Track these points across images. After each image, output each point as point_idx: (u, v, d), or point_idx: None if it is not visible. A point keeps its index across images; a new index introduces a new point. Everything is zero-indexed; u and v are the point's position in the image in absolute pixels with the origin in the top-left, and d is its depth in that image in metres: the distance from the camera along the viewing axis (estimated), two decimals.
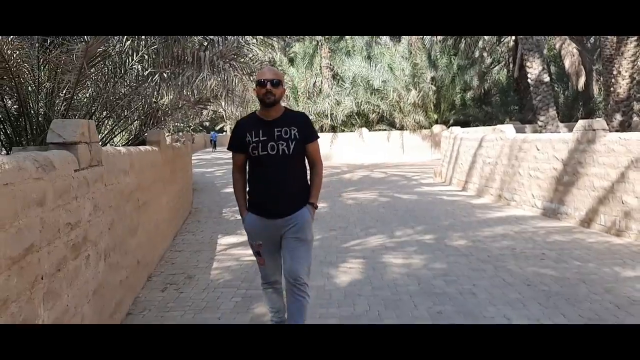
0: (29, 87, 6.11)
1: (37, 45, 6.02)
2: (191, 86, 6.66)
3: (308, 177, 3.20)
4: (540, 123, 13.05)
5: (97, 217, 3.33)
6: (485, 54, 22.72)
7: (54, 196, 2.57)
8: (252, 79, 8.25)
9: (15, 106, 6.33)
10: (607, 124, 12.38)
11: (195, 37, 7.49)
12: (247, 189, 3.17)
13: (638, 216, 5.98)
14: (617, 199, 6.33)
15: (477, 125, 21.23)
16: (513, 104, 24.38)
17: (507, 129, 9.71)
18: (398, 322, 3.74)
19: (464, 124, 22.17)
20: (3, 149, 6.60)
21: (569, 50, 19.22)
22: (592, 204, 6.84)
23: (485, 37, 20.86)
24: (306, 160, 3.19)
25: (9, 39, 5.20)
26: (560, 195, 7.59)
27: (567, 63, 19.47)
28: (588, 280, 4.58)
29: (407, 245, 6.22)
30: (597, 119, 7.19)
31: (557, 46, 20.44)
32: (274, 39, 10.05)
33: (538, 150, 8.31)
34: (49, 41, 6.47)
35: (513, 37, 21.83)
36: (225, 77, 6.30)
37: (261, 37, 8.77)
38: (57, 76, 6.19)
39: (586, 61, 19.85)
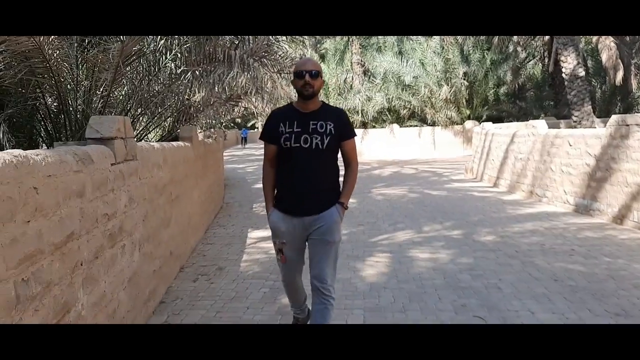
0: (68, 85, 6.37)
1: (75, 45, 6.27)
2: (222, 84, 6.83)
3: (340, 176, 3.06)
4: (575, 118, 12.79)
5: (132, 208, 3.50)
6: (519, 49, 22.30)
7: (92, 188, 2.73)
8: (282, 76, 8.41)
9: (55, 103, 6.61)
10: None
11: (226, 35, 7.65)
12: (276, 183, 3.05)
13: None
14: None
15: (510, 121, 20.86)
16: (548, 99, 23.87)
17: (539, 124, 9.57)
18: (421, 314, 3.80)
19: (497, 119, 21.85)
20: (44, 144, 6.91)
21: (606, 44, 18.70)
22: (625, 200, 6.72)
23: None
24: (339, 159, 3.05)
25: (50, 39, 5.44)
26: (593, 191, 7.47)
27: (604, 57, 18.94)
28: (617, 276, 4.54)
29: (435, 241, 6.24)
30: (632, 114, 7.03)
31: (594, 40, 19.91)
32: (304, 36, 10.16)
33: (570, 145, 8.19)
34: (86, 41, 6.71)
35: None
36: (255, 75, 6.43)
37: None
38: (95, 74, 6.44)
39: (624, 55, 19.26)
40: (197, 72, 6.88)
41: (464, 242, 6.08)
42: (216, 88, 7.36)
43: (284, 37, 8.38)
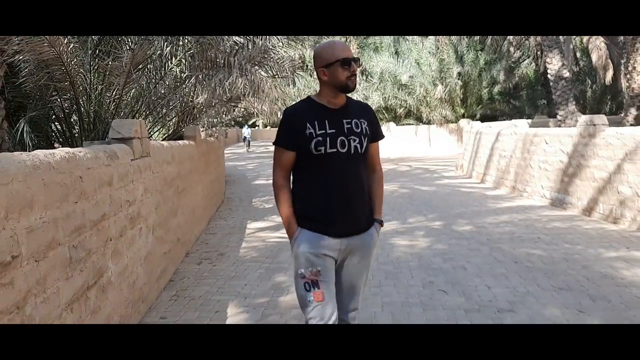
0: (83, 89, 7.00)
1: (90, 52, 6.89)
2: (223, 87, 7.44)
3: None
4: (559, 117, 13.42)
5: (147, 197, 4.13)
6: (512, 49, 22.91)
7: (118, 179, 3.36)
8: (277, 79, 9.02)
9: (70, 106, 7.23)
10: (623, 118, 12.69)
11: (227, 42, 8.28)
12: (298, 197, 2.41)
13: (631, 204, 6.47)
14: (613, 189, 6.82)
15: (504, 119, 21.49)
16: (541, 97, 24.50)
17: (520, 124, 10.21)
18: (394, 289, 4.43)
19: (492, 118, 22.51)
20: (58, 143, 7.55)
21: (595, 45, 19.28)
22: (592, 193, 7.34)
23: None
24: None
25: (70, 48, 6.06)
26: (566, 186, 8.10)
27: (594, 57, 19.52)
28: (570, 259, 5.16)
29: (416, 230, 6.87)
30: (599, 115, 7.65)
31: (585, 40, 20.50)
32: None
33: (547, 143, 8.81)
34: (97, 50, 7.32)
35: None
36: (253, 79, 7.05)
37: (287, 37, 9.53)
38: (106, 79, 7.07)
39: (614, 55, 19.83)
40: (200, 77, 7.50)
41: (442, 232, 6.71)
42: (217, 90, 7.99)
43: (280, 43, 9.00)
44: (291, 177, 2.45)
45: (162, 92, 7.84)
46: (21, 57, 6.03)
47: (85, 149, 2.87)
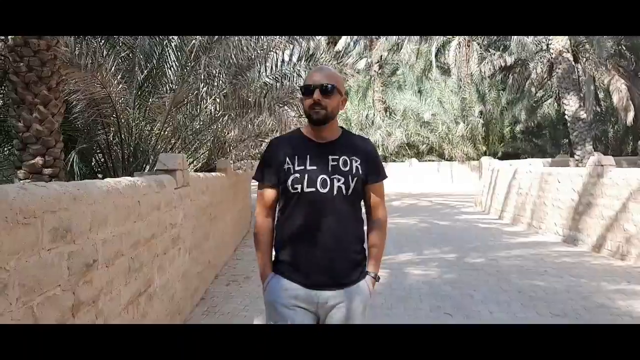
0: (126, 124, 7.72)
1: (134, 92, 7.64)
2: (253, 124, 8.11)
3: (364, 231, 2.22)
4: (576, 157, 13.74)
5: (185, 222, 4.70)
6: (533, 89, 23.37)
7: (164, 204, 3.94)
8: (303, 117, 9.67)
9: (114, 139, 7.94)
10: None
11: (257, 82, 9.00)
12: (275, 239, 2.22)
13: (636, 242, 6.80)
14: (620, 227, 7.16)
15: (525, 158, 21.81)
16: (563, 137, 24.75)
17: (535, 163, 10.61)
18: (404, 311, 4.86)
19: (514, 156, 22.83)
20: (100, 173, 8.25)
21: (617, 87, 19.60)
22: (601, 231, 7.67)
23: (537, 71, 21.53)
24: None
25: (119, 88, 6.80)
26: (577, 223, 8.43)
27: (615, 99, 19.80)
28: (572, 291, 5.52)
29: (430, 261, 7.28)
30: (607, 155, 8.04)
31: (606, 82, 20.85)
32: None
33: (559, 182, 9.18)
34: (141, 90, 8.06)
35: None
36: (280, 118, 7.70)
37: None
38: (147, 115, 7.80)
39: (635, 96, 20.11)
40: (232, 115, 8.19)
41: (455, 263, 7.11)
42: (248, 127, 8.67)
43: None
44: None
45: (197, 127, 8.55)
46: (75, 96, 6.80)
47: (142, 178, 3.46)
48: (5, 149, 7.92)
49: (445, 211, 14.55)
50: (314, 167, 2.07)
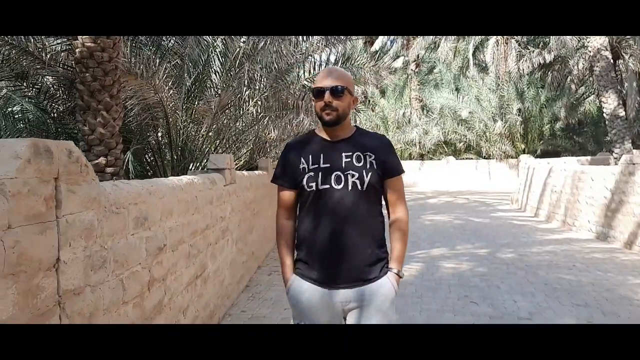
0: (178, 126, 8.32)
1: (183, 97, 8.23)
2: (291, 125, 8.59)
3: (385, 227, 2.22)
4: (615, 155, 13.67)
5: (233, 216, 5.20)
6: (573, 86, 23.06)
7: (215, 199, 4.44)
8: None
9: (164, 140, 8.56)
10: None
11: (296, 85, 9.48)
12: (297, 238, 2.23)
13: None
14: None
15: (566, 156, 21.58)
16: (604, 134, 24.29)
17: (570, 162, 10.70)
18: (433, 300, 5.23)
19: (553, 154, 22.62)
20: (150, 171, 8.90)
21: None
22: (632, 228, 7.81)
23: (578, 68, 21.25)
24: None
25: (170, 93, 7.39)
26: (609, 220, 8.56)
27: None
28: (597, 284, 5.76)
29: (462, 256, 7.59)
30: (638, 154, 8.14)
31: None
32: (368, 74, 11.82)
33: (592, 180, 9.31)
34: (189, 95, 8.64)
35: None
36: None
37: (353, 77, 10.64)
38: (194, 118, 8.38)
39: None
40: (273, 116, 8.69)
41: (486, 258, 7.40)
42: (287, 128, 9.16)
43: None
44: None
45: (239, 128, 9.10)
46: (131, 101, 7.43)
47: (197, 177, 3.96)
48: None
49: (480, 209, 14.71)
50: (328, 165, 2.10)
